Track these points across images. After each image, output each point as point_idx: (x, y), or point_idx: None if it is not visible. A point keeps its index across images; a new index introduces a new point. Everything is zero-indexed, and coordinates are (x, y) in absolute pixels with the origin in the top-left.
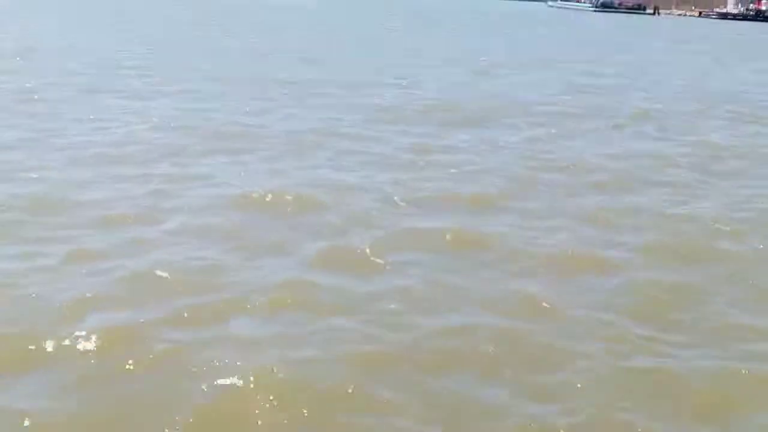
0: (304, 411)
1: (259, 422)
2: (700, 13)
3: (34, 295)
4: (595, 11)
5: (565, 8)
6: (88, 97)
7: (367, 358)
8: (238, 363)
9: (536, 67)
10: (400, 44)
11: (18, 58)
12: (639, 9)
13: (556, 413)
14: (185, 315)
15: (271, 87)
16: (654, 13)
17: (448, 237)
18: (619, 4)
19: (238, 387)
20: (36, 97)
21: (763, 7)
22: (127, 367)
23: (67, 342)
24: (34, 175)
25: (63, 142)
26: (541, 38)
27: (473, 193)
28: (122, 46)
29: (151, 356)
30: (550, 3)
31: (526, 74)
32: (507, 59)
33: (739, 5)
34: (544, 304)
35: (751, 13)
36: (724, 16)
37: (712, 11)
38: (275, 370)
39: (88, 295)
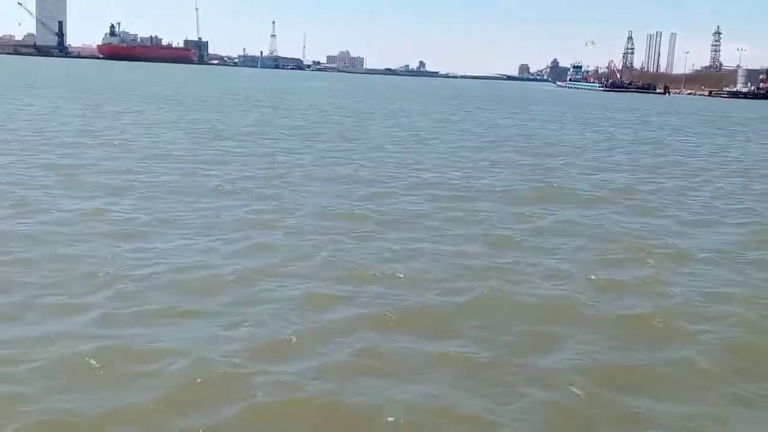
0: None
1: None
2: (711, 92)
3: None
4: (605, 91)
5: (574, 88)
6: None
7: None
8: None
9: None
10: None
11: None
12: (649, 89)
13: None
14: None
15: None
16: (664, 93)
17: None
18: (629, 84)
19: None
20: None
21: None
22: None
23: None
24: None
25: None
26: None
27: None
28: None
29: None
30: (559, 83)
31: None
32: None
33: (749, 84)
34: None
35: (762, 91)
36: (735, 95)
37: (722, 90)
38: None
39: None
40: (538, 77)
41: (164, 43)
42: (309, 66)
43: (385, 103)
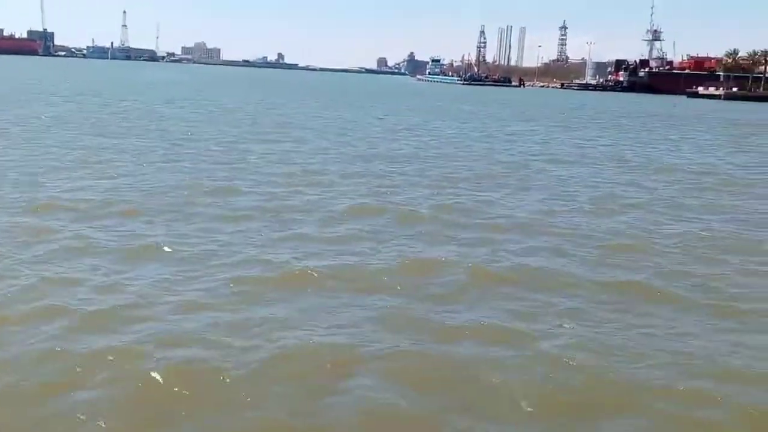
0: None
1: None
2: (563, 84)
3: None
4: (463, 84)
5: (433, 81)
6: None
7: None
8: None
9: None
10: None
11: None
12: (505, 82)
13: None
14: None
15: None
16: (520, 85)
17: None
18: (486, 77)
19: None
20: None
21: (621, 78)
22: None
23: None
24: None
25: None
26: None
27: None
28: None
29: None
30: (419, 77)
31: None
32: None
33: (597, 76)
34: None
35: (611, 84)
36: (585, 87)
37: (572, 82)
38: None
39: None
40: (396, 70)
41: (5, 33)
42: (163, 57)
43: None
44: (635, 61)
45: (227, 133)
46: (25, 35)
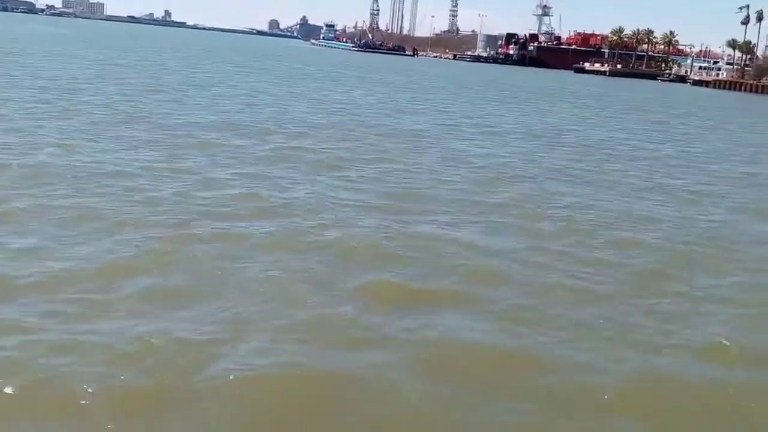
0: None
1: None
2: (455, 55)
3: None
4: (358, 51)
5: (328, 47)
6: None
7: None
8: None
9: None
10: None
11: None
12: (399, 50)
13: None
14: None
15: None
16: (413, 55)
17: None
18: (380, 45)
19: None
20: None
21: (511, 52)
22: None
23: None
24: None
25: None
26: None
27: None
28: None
29: None
30: (313, 41)
31: None
32: None
33: (488, 49)
34: None
35: (501, 56)
36: (477, 59)
37: (465, 54)
38: None
39: None
40: (288, 34)
41: None
42: (42, 10)
43: None
44: (525, 35)
45: None
46: None
